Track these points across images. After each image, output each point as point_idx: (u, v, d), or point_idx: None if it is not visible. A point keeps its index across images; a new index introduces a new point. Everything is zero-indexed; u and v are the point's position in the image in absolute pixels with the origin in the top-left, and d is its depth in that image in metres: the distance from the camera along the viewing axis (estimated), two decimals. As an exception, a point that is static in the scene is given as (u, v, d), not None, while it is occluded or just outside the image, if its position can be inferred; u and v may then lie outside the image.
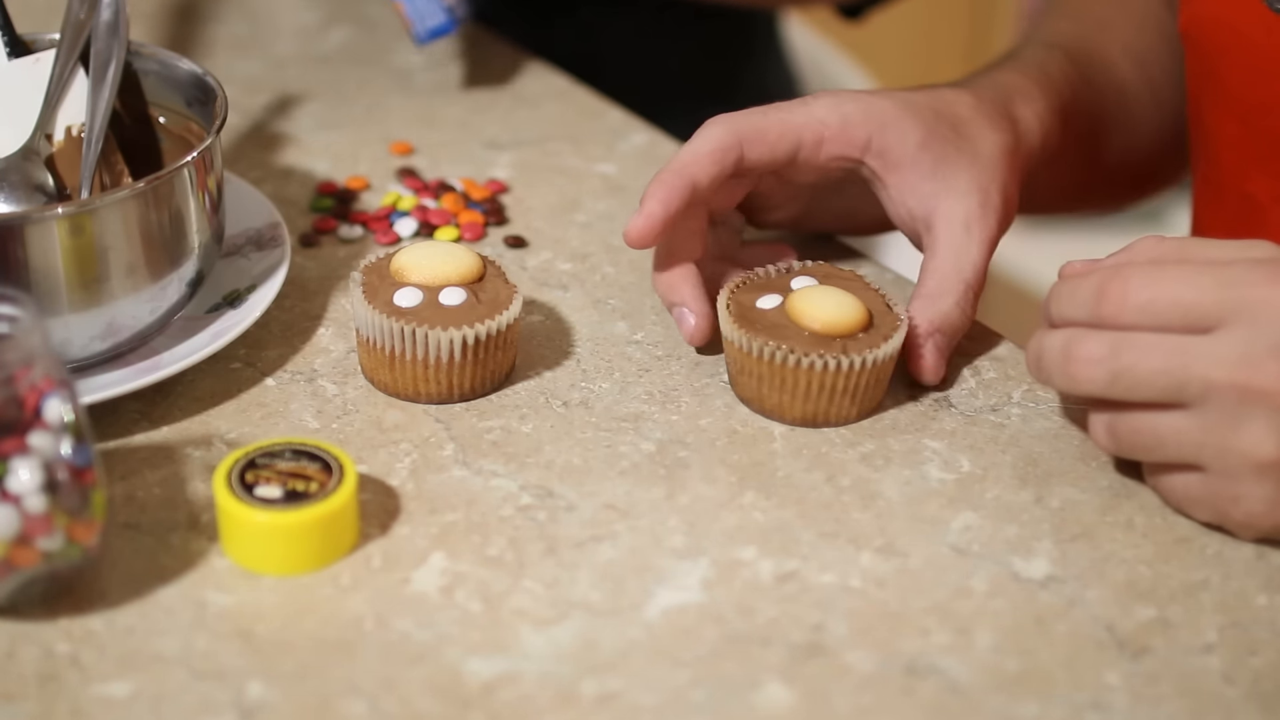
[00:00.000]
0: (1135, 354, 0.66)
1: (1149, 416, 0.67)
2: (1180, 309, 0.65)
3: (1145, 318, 0.66)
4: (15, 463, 0.60)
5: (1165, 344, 0.65)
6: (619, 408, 0.76)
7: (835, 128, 0.77)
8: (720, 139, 0.76)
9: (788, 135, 0.77)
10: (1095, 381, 0.67)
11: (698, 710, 0.61)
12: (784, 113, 0.77)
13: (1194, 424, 0.66)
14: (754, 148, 0.77)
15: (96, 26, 0.80)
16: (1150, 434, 0.67)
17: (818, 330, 0.73)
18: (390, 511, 0.70)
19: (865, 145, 0.78)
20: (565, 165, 0.96)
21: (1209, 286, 0.65)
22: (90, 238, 0.71)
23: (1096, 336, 0.67)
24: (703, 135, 0.77)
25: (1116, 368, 0.66)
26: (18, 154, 0.79)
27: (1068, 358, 0.67)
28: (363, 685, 0.61)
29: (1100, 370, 0.66)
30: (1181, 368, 0.65)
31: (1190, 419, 0.66)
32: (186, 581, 0.66)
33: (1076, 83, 0.87)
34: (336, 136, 0.99)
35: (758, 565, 0.67)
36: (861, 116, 0.78)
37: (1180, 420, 0.66)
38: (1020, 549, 0.68)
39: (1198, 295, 0.65)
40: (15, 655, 0.62)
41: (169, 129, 0.82)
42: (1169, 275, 0.66)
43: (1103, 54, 0.91)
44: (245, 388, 0.77)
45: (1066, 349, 0.67)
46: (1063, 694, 0.62)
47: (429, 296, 0.75)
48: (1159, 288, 0.66)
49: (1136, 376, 0.66)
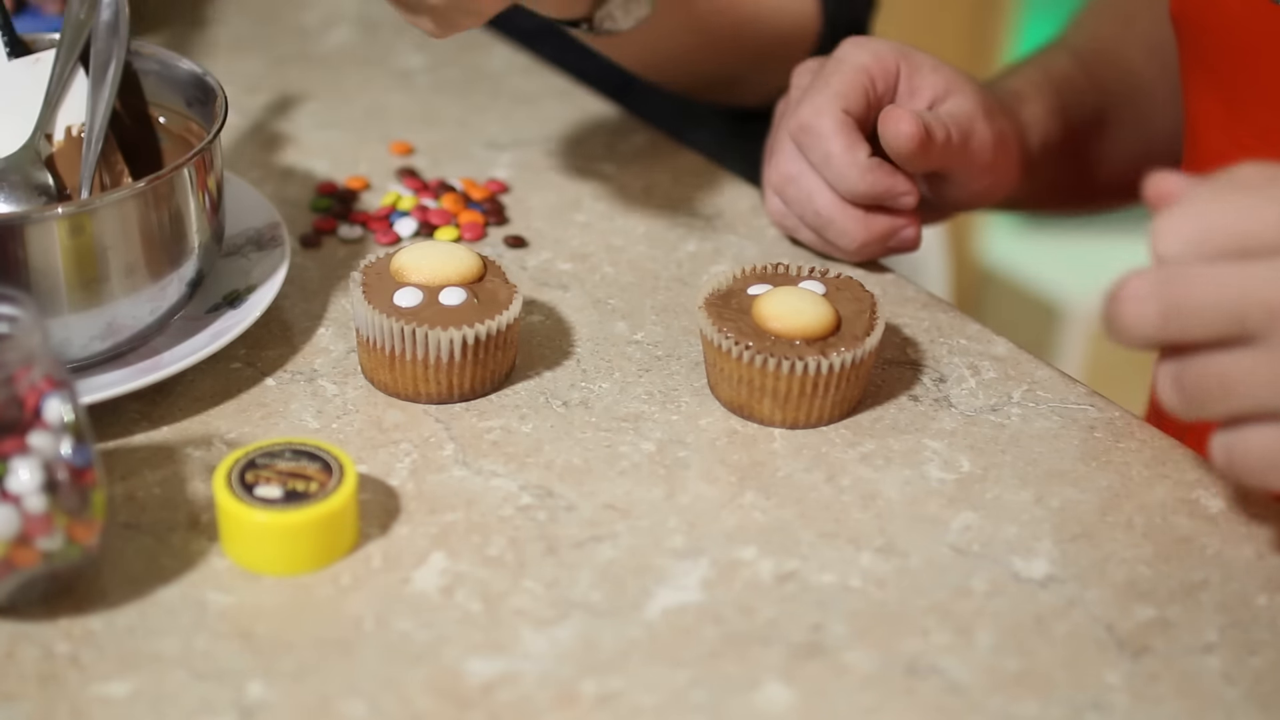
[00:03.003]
0: (1186, 286, 0.60)
1: (1214, 359, 0.61)
2: (1235, 238, 0.60)
3: (1199, 249, 0.60)
4: (15, 463, 0.60)
5: (1219, 273, 0.60)
6: (619, 408, 0.76)
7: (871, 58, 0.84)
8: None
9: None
10: (1145, 320, 0.61)
11: (698, 710, 0.61)
12: (837, 63, 0.84)
13: (1263, 359, 0.60)
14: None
15: (96, 26, 0.80)
16: (1217, 380, 0.61)
17: (780, 333, 0.74)
18: (390, 511, 0.70)
19: (897, 70, 0.84)
20: (565, 165, 0.96)
21: (1268, 213, 0.60)
22: (90, 238, 0.71)
23: (1143, 273, 0.61)
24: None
25: (1166, 304, 0.60)
26: (18, 154, 0.79)
27: (1116, 300, 0.62)
28: (363, 685, 0.61)
29: (1149, 308, 0.61)
30: (1239, 296, 0.59)
31: (1259, 355, 0.60)
32: (186, 581, 0.66)
33: (1081, 85, 0.89)
34: (336, 136, 0.99)
35: (758, 565, 0.67)
36: (887, 48, 0.85)
37: (1248, 358, 0.60)
38: (1020, 549, 0.68)
39: (1253, 222, 0.60)
40: (15, 655, 0.62)
41: (169, 129, 0.82)
42: (1224, 204, 0.61)
43: (1119, 52, 0.92)
44: (245, 388, 0.77)
45: (1115, 292, 0.62)
46: (1063, 694, 0.62)
47: (429, 296, 0.75)
48: (1211, 218, 0.61)
49: (1190, 310, 0.60)
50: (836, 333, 0.74)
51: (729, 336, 0.74)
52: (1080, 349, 1.97)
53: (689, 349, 0.80)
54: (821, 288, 0.77)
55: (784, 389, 0.73)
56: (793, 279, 0.78)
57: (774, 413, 0.74)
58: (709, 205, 0.93)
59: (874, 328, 0.75)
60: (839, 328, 0.74)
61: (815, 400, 0.74)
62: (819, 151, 0.83)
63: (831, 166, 0.82)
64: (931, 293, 0.86)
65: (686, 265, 0.87)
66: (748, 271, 0.79)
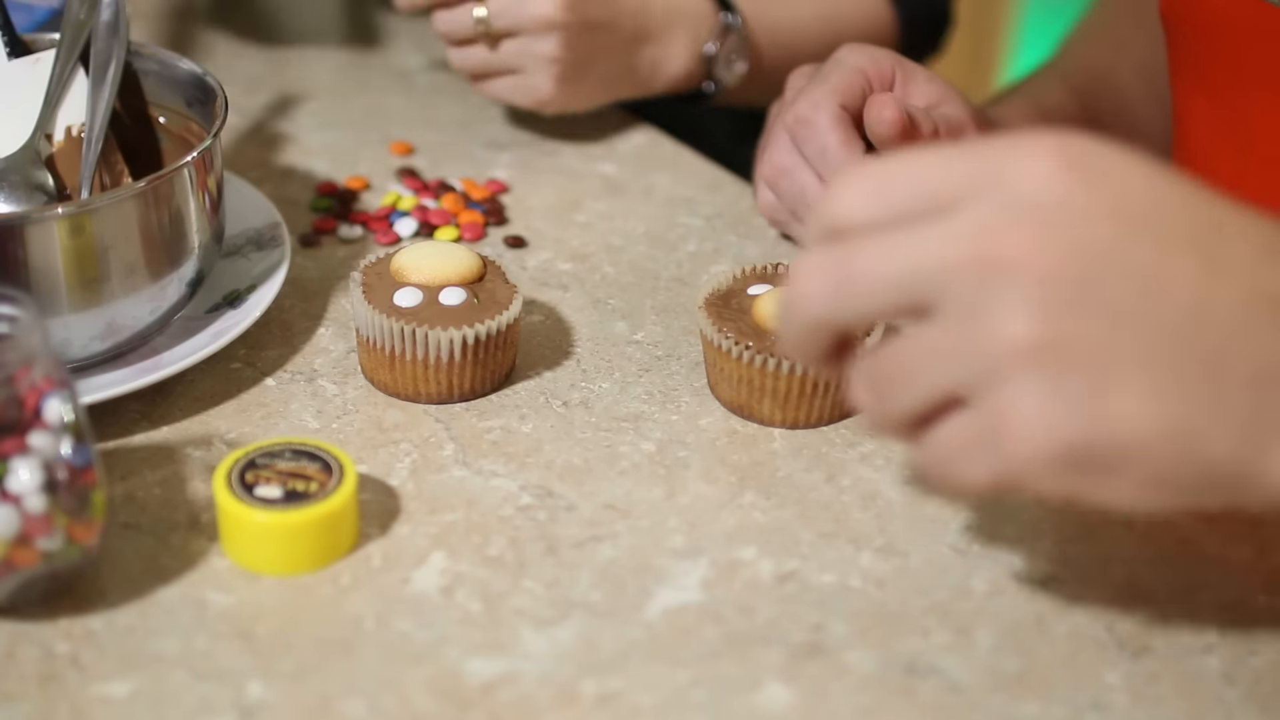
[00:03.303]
0: (855, 257, 0.53)
1: (895, 343, 0.54)
2: (910, 199, 0.53)
3: (874, 214, 0.54)
4: (15, 463, 0.60)
5: (890, 239, 0.53)
6: (619, 408, 0.76)
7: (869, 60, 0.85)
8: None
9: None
10: (818, 301, 0.54)
11: (698, 710, 0.61)
12: (836, 64, 0.85)
13: (941, 330, 0.53)
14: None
15: (96, 26, 0.80)
16: (902, 367, 0.54)
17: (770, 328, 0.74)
18: (390, 511, 0.70)
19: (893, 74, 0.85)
20: (565, 165, 0.96)
21: (944, 169, 0.53)
22: (90, 238, 0.71)
23: (814, 251, 0.54)
24: None
25: (838, 279, 0.54)
26: (18, 154, 0.79)
27: (789, 286, 0.55)
28: (363, 685, 0.61)
29: (821, 286, 0.54)
30: (909, 258, 0.52)
31: (936, 326, 0.53)
32: (186, 581, 0.66)
33: (1072, 112, 0.90)
34: (336, 136, 0.99)
35: (758, 565, 0.67)
36: (884, 54, 0.85)
37: (928, 333, 0.53)
38: (1020, 549, 0.68)
39: (928, 181, 0.53)
40: (15, 655, 0.62)
41: (169, 129, 0.82)
42: (900, 163, 0.54)
43: (1112, 77, 0.93)
44: (245, 388, 0.77)
45: (790, 271, 0.56)
46: (1063, 694, 0.62)
47: (429, 296, 0.75)
48: (885, 176, 0.54)
49: (861, 284, 0.53)
50: None
51: (729, 336, 0.74)
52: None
53: (689, 349, 0.80)
54: None
55: (784, 389, 0.73)
56: None
57: (774, 413, 0.74)
58: (709, 205, 0.93)
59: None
60: None
61: (815, 400, 0.74)
62: (815, 145, 0.83)
63: (827, 160, 0.82)
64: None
65: (686, 265, 0.87)
66: (748, 271, 0.79)
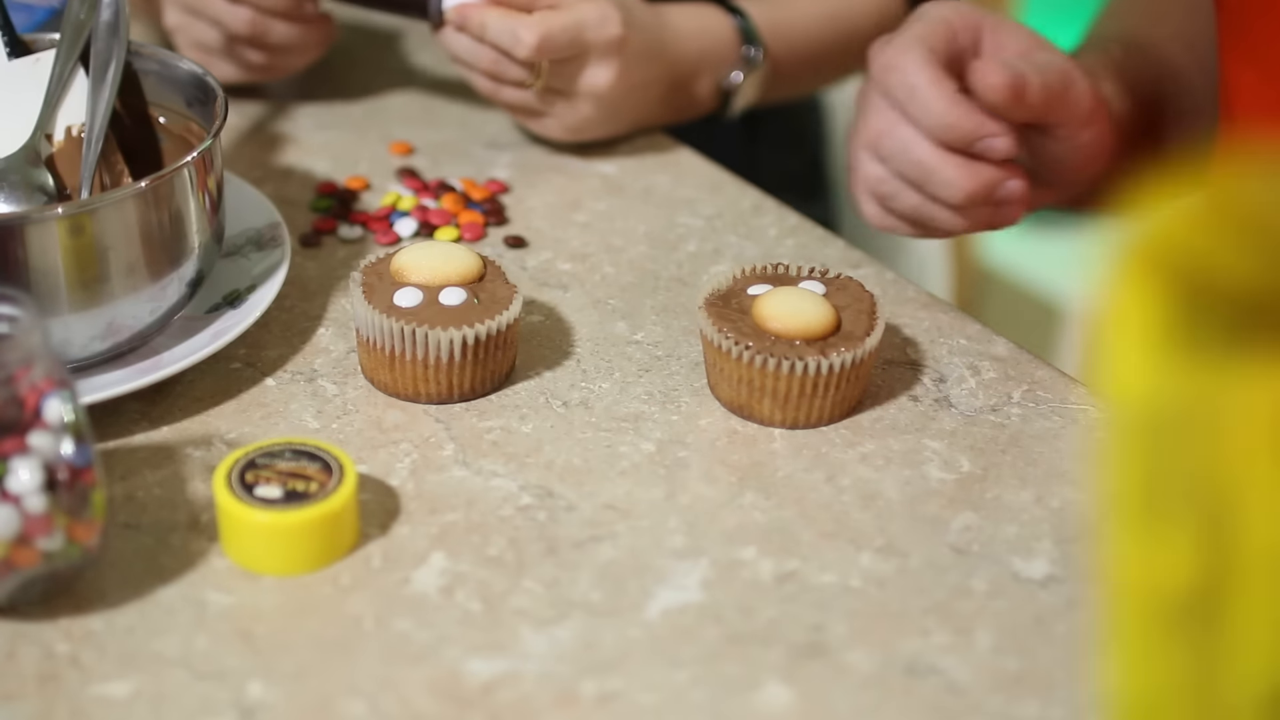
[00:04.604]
0: None
1: None
2: None
3: None
4: (15, 463, 0.60)
5: None
6: (619, 408, 0.76)
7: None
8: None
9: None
10: None
11: (698, 710, 0.61)
12: (919, 16, 0.81)
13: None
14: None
15: (96, 26, 0.80)
16: None
17: (780, 333, 0.74)
18: (390, 511, 0.70)
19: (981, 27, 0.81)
20: (565, 165, 0.96)
21: None
22: (90, 238, 0.71)
23: None
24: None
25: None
26: (18, 154, 0.79)
27: None
28: (363, 685, 0.61)
29: None
30: None
31: None
32: (186, 581, 0.66)
33: (1142, 69, 0.87)
34: (336, 136, 0.99)
35: (758, 565, 0.67)
36: (968, 7, 0.81)
37: None
38: (1020, 549, 0.68)
39: None
40: (15, 655, 0.62)
41: (169, 129, 0.82)
42: None
43: (1157, 46, 0.91)
44: (245, 388, 0.77)
45: None
46: (1063, 694, 0.62)
47: (429, 296, 0.75)
48: None
49: None
50: (836, 333, 0.74)
51: (729, 336, 0.74)
52: (1080, 349, 1.97)
53: (689, 349, 0.80)
54: (821, 288, 0.77)
55: (784, 389, 0.73)
56: (793, 279, 0.78)
57: (774, 413, 0.74)
58: (709, 205, 0.93)
59: (874, 328, 0.75)
60: (839, 328, 0.74)
61: (815, 400, 0.74)
62: (904, 88, 0.78)
63: (917, 99, 0.78)
64: (931, 293, 0.86)
65: (686, 265, 0.87)
66: (748, 271, 0.79)
